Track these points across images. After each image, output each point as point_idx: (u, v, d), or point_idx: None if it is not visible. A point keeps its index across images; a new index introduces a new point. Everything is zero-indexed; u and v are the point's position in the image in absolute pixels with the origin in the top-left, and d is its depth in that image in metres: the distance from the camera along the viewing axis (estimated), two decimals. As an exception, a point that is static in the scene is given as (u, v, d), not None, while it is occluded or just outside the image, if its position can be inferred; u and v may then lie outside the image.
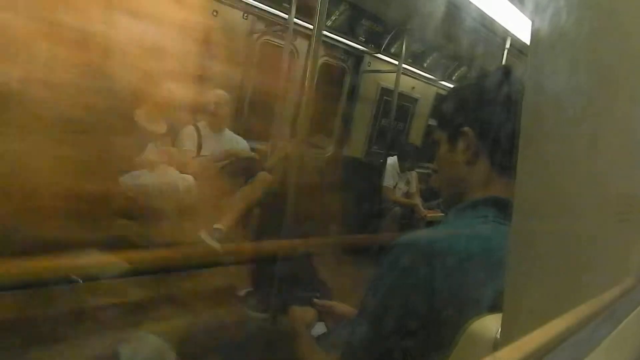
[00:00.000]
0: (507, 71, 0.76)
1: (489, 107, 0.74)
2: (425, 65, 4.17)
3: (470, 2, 2.56)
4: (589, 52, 0.39)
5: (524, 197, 0.42)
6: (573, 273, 0.42)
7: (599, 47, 0.40)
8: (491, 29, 2.96)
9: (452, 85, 4.35)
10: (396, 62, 3.56)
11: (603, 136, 0.42)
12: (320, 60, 3.38)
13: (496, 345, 0.44)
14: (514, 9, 2.62)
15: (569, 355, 0.32)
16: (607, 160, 0.42)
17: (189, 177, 2.18)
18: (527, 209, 0.41)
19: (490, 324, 0.47)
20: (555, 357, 0.29)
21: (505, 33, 3.00)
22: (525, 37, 2.90)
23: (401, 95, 3.83)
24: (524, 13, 2.62)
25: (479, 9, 2.61)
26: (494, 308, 0.50)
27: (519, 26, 2.83)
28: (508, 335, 0.41)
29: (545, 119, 0.40)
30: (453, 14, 2.77)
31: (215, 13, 2.69)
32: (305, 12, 2.78)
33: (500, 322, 0.44)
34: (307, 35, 3.08)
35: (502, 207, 0.69)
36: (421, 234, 0.76)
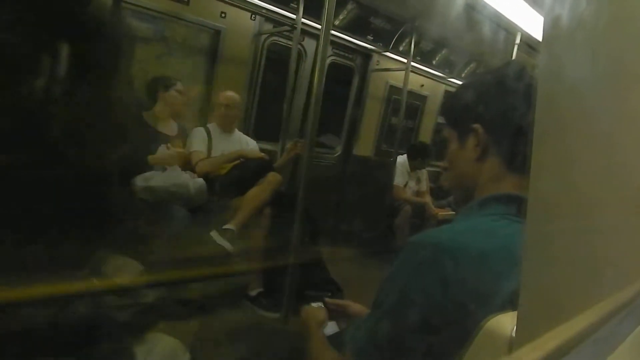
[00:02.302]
0: (515, 66, 0.75)
1: (498, 102, 0.73)
2: (434, 62, 4.14)
3: (478, -2, 2.54)
4: (605, 42, 0.38)
5: (538, 193, 0.41)
6: (592, 269, 0.41)
7: (615, 37, 0.39)
8: (500, 25, 2.93)
9: (461, 82, 4.32)
10: (405, 60, 3.54)
11: (621, 127, 0.41)
12: (329, 60, 3.38)
13: (512, 344, 0.44)
14: (523, 4, 2.59)
15: (591, 353, 0.31)
16: (626, 152, 0.41)
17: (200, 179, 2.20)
18: (542, 204, 0.40)
19: (505, 322, 0.47)
20: (575, 356, 0.28)
21: (515, 28, 2.97)
22: (535, 33, 2.87)
23: (410, 93, 3.82)
24: (534, 8, 2.58)
25: (487, 4, 2.58)
26: (509, 305, 0.50)
27: (529, 21, 2.80)
28: (524, 334, 0.41)
29: (560, 112, 0.39)
30: (461, 10, 2.75)
31: (223, 15, 2.71)
32: (312, 11, 2.78)
33: (515, 320, 0.43)
34: (315, 35, 3.09)
35: (515, 204, 0.68)
36: (434, 231, 0.75)
